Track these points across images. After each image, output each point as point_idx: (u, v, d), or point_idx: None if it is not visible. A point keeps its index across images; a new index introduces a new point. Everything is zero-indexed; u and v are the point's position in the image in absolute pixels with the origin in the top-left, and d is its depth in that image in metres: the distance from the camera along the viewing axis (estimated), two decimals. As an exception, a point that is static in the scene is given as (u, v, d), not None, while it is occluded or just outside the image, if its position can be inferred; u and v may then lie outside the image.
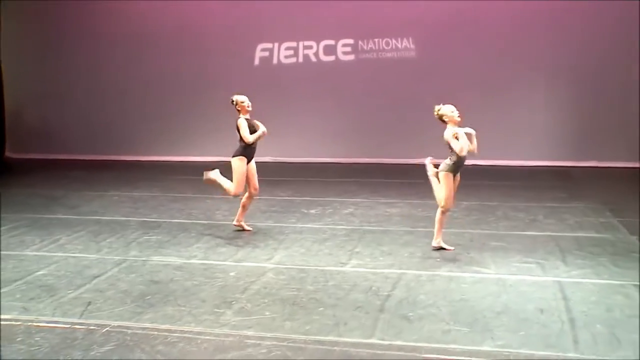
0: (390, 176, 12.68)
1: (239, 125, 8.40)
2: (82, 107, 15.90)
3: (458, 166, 7.12)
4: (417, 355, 4.75)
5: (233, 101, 8.54)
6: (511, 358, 4.63)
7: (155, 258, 7.47)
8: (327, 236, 8.26)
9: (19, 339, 5.22)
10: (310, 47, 15.17)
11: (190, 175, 12.56)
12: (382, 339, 5.04)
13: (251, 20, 15.04)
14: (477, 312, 5.51)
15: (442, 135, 7.22)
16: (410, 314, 5.53)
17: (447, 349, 4.84)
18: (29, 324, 5.57)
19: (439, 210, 7.28)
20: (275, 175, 12.39)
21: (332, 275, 6.65)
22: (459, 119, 7.29)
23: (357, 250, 7.62)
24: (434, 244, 7.39)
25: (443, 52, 14.15)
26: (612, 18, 13.54)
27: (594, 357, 4.62)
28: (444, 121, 7.27)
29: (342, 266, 6.96)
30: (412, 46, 14.44)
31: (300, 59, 15.24)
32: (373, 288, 6.20)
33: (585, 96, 13.78)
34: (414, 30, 14.37)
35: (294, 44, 15.24)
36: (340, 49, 15.00)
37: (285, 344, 5.01)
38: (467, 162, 7.27)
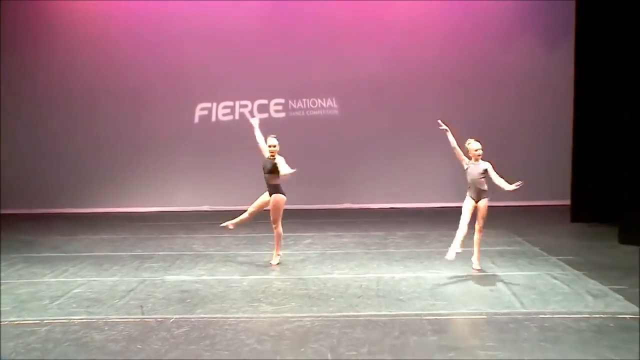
0: (325, 216, 14.41)
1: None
2: (36, 164, 16.28)
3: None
4: (420, 318, 7.02)
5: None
6: (483, 314, 7.11)
7: (169, 278, 9.19)
8: (303, 257, 10.33)
9: (106, 329, 6.93)
10: (246, 106, 16.45)
11: (151, 221, 14.42)
12: (390, 311, 7.30)
13: (191, 82, 16.23)
14: (450, 293, 8.03)
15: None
16: (401, 297, 7.89)
17: (439, 313, 7.19)
18: (103, 320, 7.24)
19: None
20: (223, 218, 14.26)
21: (326, 280, 8.79)
22: (477, 154, 9.10)
23: (334, 264, 9.79)
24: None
25: (361, 110, 15.94)
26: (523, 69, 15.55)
27: (534, 309, 7.22)
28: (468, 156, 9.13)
29: (330, 274, 9.14)
30: (335, 105, 16.20)
31: (237, 117, 16.46)
32: (363, 286, 8.46)
33: (503, 142, 15.03)
34: (336, 92, 16.15)
35: (230, 103, 16.49)
36: (272, 107, 16.43)
37: (320, 319, 7.10)
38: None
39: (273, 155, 9.89)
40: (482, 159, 9.15)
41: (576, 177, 13.47)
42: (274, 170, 9.86)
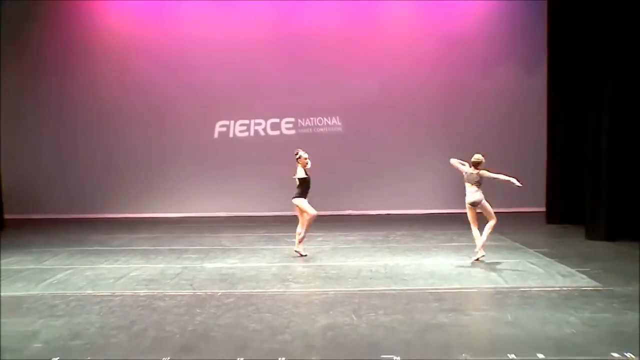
0: (331, 220, 14.92)
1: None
2: (73, 174, 16.83)
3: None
4: (423, 291, 8.27)
5: (297, 154, 11.00)
6: (474, 288, 8.40)
7: (207, 265, 10.33)
8: (318, 251, 11.45)
9: (167, 299, 8.10)
10: (260, 124, 17.21)
11: (178, 224, 15.36)
12: (400, 287, 8.54)
13: (212, 103, 16.92)
14: (446, 274, 9.26)
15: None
16: (405, 277, 9.13)
17: (439, 288, 8.42)
18: (162, 293, 8.40)
19: (494, 222, 10.04)
20: (241, 222, 15.38)
21: (341, 267, 9.98)
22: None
23: (345, 255, 10.96)
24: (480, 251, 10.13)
25: (361, 128, 16.73)
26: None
27: (515, 285, 8.46)
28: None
29: (343, 262, 10.34)
30: (339, 123, 17.01)
31: (252, 133, 17.24)
32: (372, 270, 9.66)
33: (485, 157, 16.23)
34: (339, 112, 16.97)
35: (246, 121, 17.22)
36: (283, 125, 17.19)
37: (341, 292, 8.32)
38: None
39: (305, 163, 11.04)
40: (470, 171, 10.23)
41: (550, 187, 14.43)
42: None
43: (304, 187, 10.88)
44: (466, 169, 10.16)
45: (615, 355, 5.76)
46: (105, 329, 7.02)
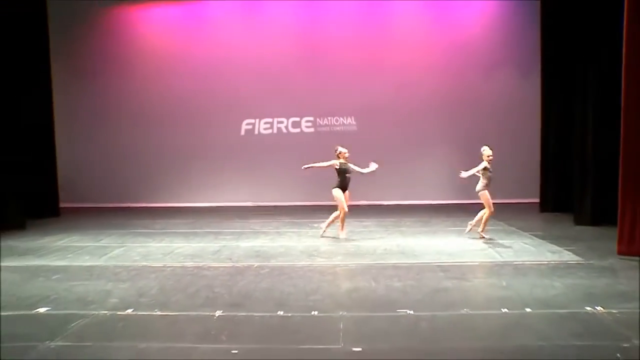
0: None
1: (333, 164, 11.45)
2: (115, 168, 17.39)
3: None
4: (431, 264, 9.24)
5: (336, 150, 11.65)
6: (475, 262, 9.35)
7: (242, 244, 11.22)
8: (338, 233, 12.44)
9: (211, 270, 9.05)
10: (282, 122, 17.47)
11: (209, 212, 16.16)
12: (411, 261, 9.50)
13: (239, 103, 17.30)
14: (451, 251, 10.14)
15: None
16: (416, 253, 10.07)
17: (444, 262, 9.35)
18: (207, 265, 9.35)
19: (487, 213, 10.96)
20: (267, 210, 16.15)
21: (359, 246, 10.87)
22: (488, 158, 10.99)
23: (362, 237, 11.81)
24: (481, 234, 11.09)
25: (374, 127, 17.02)
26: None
27: (510, 259, 9.39)
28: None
29: (361, 242, 11.22)
30: (354, 122, 17.38)
31: (275, 131, 17.49)
32: (387, 248, 10.55)
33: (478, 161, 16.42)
34: (354, 112, 17.33)
35: (270, 119, 17.47)
36: (303, 124, 17.46)
37: (361, 265, 9.29)
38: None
39: (346, 160, 11.64)
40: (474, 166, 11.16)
41: (543, 179, 15.01)
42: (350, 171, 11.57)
43: (340, 178, 11.49)
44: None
45: (588, 308, 6.76)
46: (164, 290, 8.03)
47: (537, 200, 15.39)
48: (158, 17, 17.71)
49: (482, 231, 11.17)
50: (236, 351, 5.74)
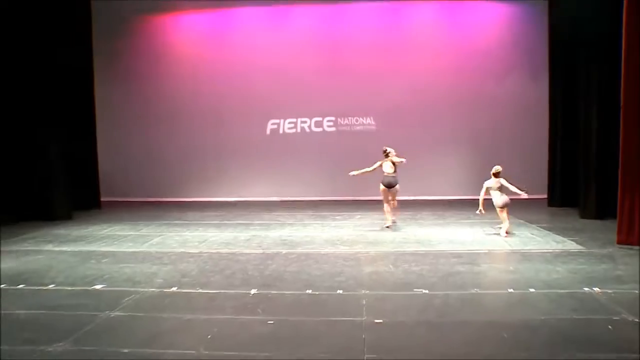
0: (366, 204, 15.94)
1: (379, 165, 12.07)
2: (150, 165, 17.81)
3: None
4: (445, 251, 9.76)
5: (385, 150, 12.28)
6: (485, 250, 9.87)
7: (270, 234, 11.73)
8: (360, 224, 12.85)
9: (244, 255, 9.63)
10: (305, 122, 17.78)
11: (237, 206, 16.63)
12: (427, 249, 10.02)
13: (265, 104, 17.64)
14: (463, 241, 10.63)
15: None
16: (431, 243, 10.57)
17: (457, 249, 9.87)
18: (239, 252, 9.91)
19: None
20: (291, 204, 16.56)
21: (378, 235, 11.41)
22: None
23: (382, 228, 12.35)
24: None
25: (391, 126, 17.13)
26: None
27: (518, 248, 9.89)
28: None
29: (380, 232, 11.75)
30: (373, 122, 17.64)
31: (299, 130, 17.78)
32: (404, 237, 11.06)
33: (498, 151, 16.11)
34: (373, 112, 17.59)
35: (294, 119, 17.77)
36: (325, 123, 17.74)
37: (380, 252, 9.83)
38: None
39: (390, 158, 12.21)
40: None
41: (551, 176, 15.33)
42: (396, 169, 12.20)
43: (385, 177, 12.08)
44: (488, 183, 11.09)
45: (586, 289, 7.28)
46: (203, 272, 8.64)
47: (545, 195, 15.66)
48: (190, 25, 18.20)
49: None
50: (272, 322, 6.33)
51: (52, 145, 13.96)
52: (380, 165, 12.24)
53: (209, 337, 5.91)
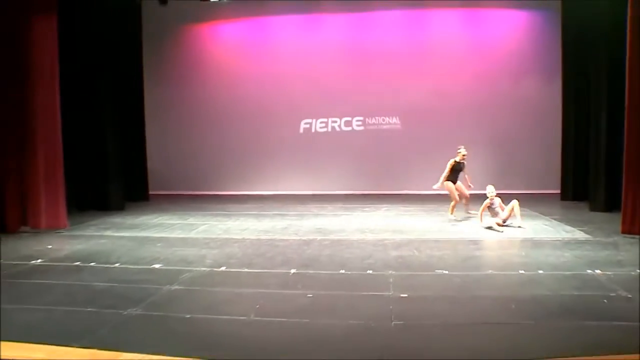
0: (392, 198, 16.47)
1: (451, 164, 12.40)
2: (194, 160, 18.46)
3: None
4: (466, 239, 10.34)
5: (459, 149, 12.56)
6: (500, 239, 10.41)
7: (305, 223, 12.34)
8: (385, 216, 13.37)
9: (284, 240, 10.25)
10: (335, 121, 18.23)
11: (273, 199, 17.22)
12: (448, 237, 10.60)
13: (299, 105, 18.21)
14: (480, 230, 11.19)
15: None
16: (452, 231, 11.15)
17: (475, 237, 10.43)
18: (278, 238, 10.53)
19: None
20: (322, 198, 17.05)
21: (403, 225, 11.90)
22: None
23: (407, 218, 12.79)
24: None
25: (416, 126, 17.75)
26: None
27: (530, 236, 10.39)
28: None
29: (405, 223, 12.28)
30: (398, 122, 18.05)
31: (329, 129, 18.23)
32: (427, 227, 11.65)
33: (514, 149, 16.77)
34: (399, 113, 17.99)
35: (325, 119, 18.24)
36: (354, 123, 18.12)
37: (405, 239, 10.40)
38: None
39: (463, 159, 12.57)
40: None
41: (564, 172, 15.63)
42: (464, 168, 12.56)
43: (452, 173, 12.47)
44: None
45: (589, 271, 7.82)
46: (247, 255, 9.30)
47: (558, 190, 15.97)
48: (229, 33, 18.81)
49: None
50: (310, 295, 6.98)
51: (108, 143, 14.78)
52: (452, 165, 12.55)
53: (257, 306, 6.57)
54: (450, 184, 12.50)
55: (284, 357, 5.25)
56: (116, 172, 14.99)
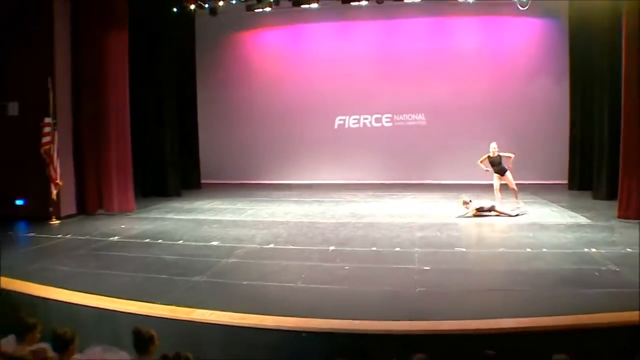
0: (416, 187, 16.58)
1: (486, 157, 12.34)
2: (241, 152, 18.80)
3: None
4: (483, 222, 10.89)
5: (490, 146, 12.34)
6: (511, 222, 10.92)
7: (340, 208, 12.90)
8: (412, 202, 13.84)
9: (322, 223, 10.91)
10: (367, 118, 18.32)
11: (309, 188, 17.58)
12: (466, 222, 11.20)
13: (334, 103, 18.46)
14: (494, 216, 11.78)
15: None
16: (469, 216, 11.71)
17: (489, 221, 11.01)
18: (317, 221, 11.19)
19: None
20: (354, 187, 17.51)
21: (427, 210, 12.44)
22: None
23: (431, 205, 13.25)
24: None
25: (439, 122, 17.85)
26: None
27: (537, 220, 10.89)
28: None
29: (429, 209, 12.82)
30: (423, 118, 18.19)
31: (361, 125, 18.37)
32: (451, 213, 12.24)
33: (526, 144, 16.02)
34: (424, 110, 18.11)
35: (357, 116, 18.37)
36: (384, 119, 18.21)
37: (429, 222, 10.99)
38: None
39: (494, 154, 12.45)
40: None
41: (571, 164, 15.82)
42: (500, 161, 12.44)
43: (492, 166, 12.49)
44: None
45: (585, 249, 8.37)
46: (290, 234, 10.03)
47: (566, 181, 16.16)
48: (271, 39, 19.29)
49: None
50: (347, 267, 7.67)
51: (167, 139, 15.63)
52: (487, 159, 12.59)
53: (303, 275, 7.28)
54: (495, 176, 12.52)
55: (328, 315, 5.91)
56: (174, 164, 15.86)
